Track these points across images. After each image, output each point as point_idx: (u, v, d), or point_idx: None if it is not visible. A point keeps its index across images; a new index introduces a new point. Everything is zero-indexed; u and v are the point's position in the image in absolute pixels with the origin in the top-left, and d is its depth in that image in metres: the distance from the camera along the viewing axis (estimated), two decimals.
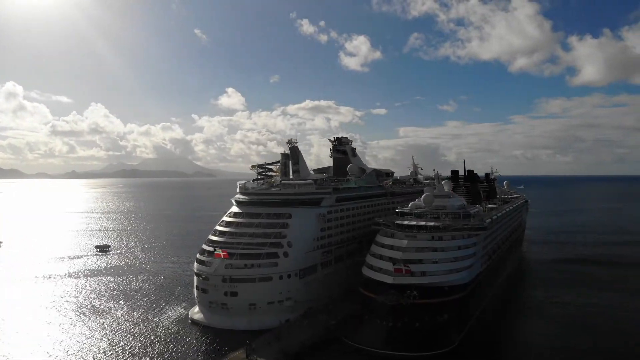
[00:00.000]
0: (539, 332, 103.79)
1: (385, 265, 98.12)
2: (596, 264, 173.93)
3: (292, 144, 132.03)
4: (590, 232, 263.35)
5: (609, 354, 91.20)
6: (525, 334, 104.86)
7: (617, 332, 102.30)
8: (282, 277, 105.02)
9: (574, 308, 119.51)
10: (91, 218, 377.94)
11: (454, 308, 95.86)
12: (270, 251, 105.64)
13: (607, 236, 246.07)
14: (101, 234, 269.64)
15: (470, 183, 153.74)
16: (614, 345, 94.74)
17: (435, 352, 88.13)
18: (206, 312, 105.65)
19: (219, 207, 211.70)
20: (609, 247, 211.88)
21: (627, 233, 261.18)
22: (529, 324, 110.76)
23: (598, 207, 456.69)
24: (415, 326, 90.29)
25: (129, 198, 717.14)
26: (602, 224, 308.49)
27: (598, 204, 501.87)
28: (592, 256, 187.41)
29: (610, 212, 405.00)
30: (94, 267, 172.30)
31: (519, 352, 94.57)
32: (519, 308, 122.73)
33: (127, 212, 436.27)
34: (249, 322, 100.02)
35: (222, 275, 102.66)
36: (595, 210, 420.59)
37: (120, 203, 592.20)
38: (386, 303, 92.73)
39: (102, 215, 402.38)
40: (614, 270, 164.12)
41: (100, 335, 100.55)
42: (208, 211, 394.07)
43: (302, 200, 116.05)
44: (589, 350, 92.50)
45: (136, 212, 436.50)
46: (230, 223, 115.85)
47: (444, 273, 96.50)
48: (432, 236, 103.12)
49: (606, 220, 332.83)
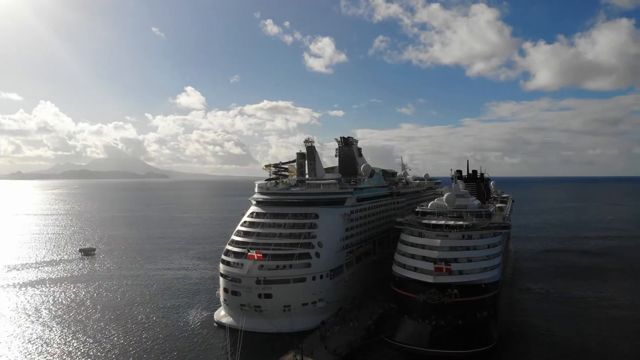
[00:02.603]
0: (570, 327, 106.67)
1: (422, 264, 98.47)
2: (572, 253, 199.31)
3: (309, 143, 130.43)
4: (557, 228, 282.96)
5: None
6: (554, 329, 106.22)
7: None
8: (315, 278, 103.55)
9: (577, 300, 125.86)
10: (59, 220, 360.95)
11: (491, 305, 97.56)
12: (302, 252, 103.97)
13: (580, 232, 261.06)
14: (79, 237, 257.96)
15: (475, 183, 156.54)
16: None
17: (481, 349, 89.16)
18: (237, 315, 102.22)
19: (188, 207, 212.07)
20: (581, 241, 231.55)
21: (603, 229, 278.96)
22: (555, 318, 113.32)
23: (558, 207, 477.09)
24: (459, 324, 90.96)
25: (89, 199, 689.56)
26: (570, 222, 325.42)
27: (555, 204, 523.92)
28: (570, 248, 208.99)
29: (574, 210, 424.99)
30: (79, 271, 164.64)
31: (559, 347, 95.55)
32: (529, 302, 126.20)
33: (92, 214, 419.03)
34: (283, 324, 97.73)
35: (256, 277, 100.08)
36: (556, 209, 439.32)
37: (79, 205, 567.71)
38: (428, 302, 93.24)
39: (72, 217, 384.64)
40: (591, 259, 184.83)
41: (133, 342, 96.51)
42: (182, 212, 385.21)
43: (328, 200, 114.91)
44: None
45: (104, 214, 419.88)
46: (254, 223, 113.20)
47: (480, 271, 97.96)
48: (462, 235, 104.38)
49: (569, 219, 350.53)
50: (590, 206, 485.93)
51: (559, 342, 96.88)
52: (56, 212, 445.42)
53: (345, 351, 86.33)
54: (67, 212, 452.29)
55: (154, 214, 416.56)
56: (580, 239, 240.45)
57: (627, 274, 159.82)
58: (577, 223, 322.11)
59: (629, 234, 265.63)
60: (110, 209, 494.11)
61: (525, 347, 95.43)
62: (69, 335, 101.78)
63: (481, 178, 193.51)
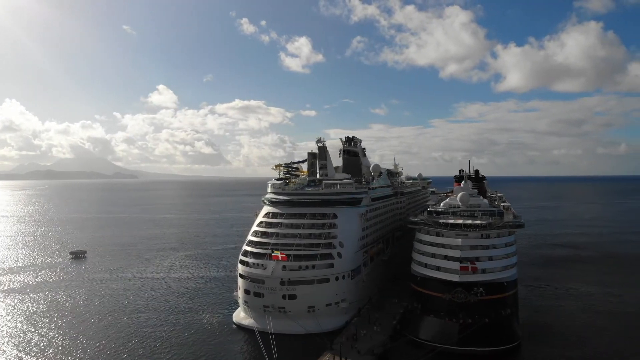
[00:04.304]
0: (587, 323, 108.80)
1: (445, 263, 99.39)
2: (562, 249, 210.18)
3: (321, 142, 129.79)
4: (540, 226, 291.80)
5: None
6: (572, 326, 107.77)
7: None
8: (337, 279, 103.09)
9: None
10: (39, 222, 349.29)
11: (514, 303, 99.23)
12: (324, 252, 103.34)
13: (565, 229, 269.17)
14: (65, 239, 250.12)
15: (478, 182, 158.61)
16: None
17: (509, 346, 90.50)
18: (259, 316, 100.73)
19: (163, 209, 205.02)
20: (567, 237, 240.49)
21: (586, 227, 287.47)
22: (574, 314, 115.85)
23: (534, 206, 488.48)
24: (485, 322, 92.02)
25: (62, 201, 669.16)
26: (551, 219, 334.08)
27: (529, 203, 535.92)
28: (559, 244, 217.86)
29: (552, 209, 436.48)
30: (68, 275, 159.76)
31: (583, 343, 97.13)
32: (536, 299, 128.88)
33: (70, 216, 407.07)
34: (311, 325, 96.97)
35: (280, 278, 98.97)
36: (535, 209, 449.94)
37: (54, 206, 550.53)
38: (454, 301, 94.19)
39: (51, 220, 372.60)
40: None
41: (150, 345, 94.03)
42: (165, 213, 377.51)
43: (345, 200, 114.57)
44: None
45: (84, 216, 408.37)
46: (271, 224, 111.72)
47: (501, 269, 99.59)
48: (481, 234, 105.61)
49: (550, 217, 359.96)
50: (565, 205, 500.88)
51: (582, 339, 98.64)
52: (32, 214, 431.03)
53: (380, 350, 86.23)
54: (44, 213, 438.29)
55: (135, 215, 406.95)
56: (566, 236, 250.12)
57: (625, 267, 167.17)
58: (558, 221, 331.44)
59: (612, 230, 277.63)
60: (89, 210, 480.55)
61: (549, 344, 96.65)
62: (76, 341, 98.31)
63: (483, 177, 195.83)
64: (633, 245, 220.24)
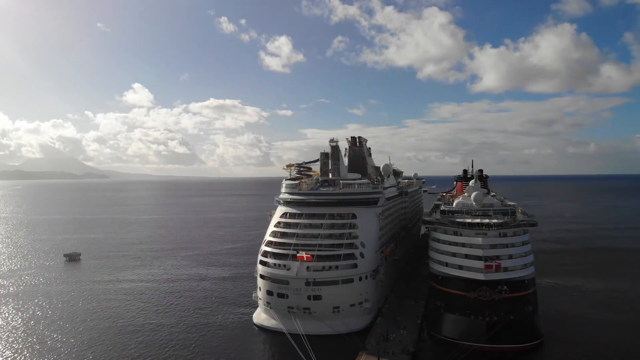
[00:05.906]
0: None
1: (468, 262, 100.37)
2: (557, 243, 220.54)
3: (334, 142, 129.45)
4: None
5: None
6: (588, 323, 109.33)
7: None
8: (361, 279, 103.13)
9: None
10: (21, 224, 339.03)
11: (534, 300, 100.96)
12: (347, 252, 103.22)
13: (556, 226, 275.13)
14: (54, 241, 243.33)
15: (482, 182, 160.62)
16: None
17: (534, 343, 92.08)
18: (283, 318, 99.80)
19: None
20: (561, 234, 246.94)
21: (573, 224, 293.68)
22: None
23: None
24: (511, 319, 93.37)
25: (40, 201, 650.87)
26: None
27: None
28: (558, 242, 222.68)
29: (537, 208, 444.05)
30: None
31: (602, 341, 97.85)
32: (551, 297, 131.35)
33: (51, 217, 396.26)
34: (338, 325, 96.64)
35: (305, 279, 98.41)
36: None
37: (33, 207, 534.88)
38: (480, 299, 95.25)
39: (33, 221, 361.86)
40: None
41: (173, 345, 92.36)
42: (150, 214, 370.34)
43: (364, 200, 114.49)
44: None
45: (65, 217, 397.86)
46: (290, 224, 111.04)
47: (521, 267, 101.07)
48: (499, 233, 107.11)
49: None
50: (547, 203, 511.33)
51: (597, 336, 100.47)
52: (11, 215, 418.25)
53: (413, 349, 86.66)
54: (25, 214, 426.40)
55: (119, 217, 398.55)
56: (555, 232, 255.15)
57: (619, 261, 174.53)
58: (545, 217, 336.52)
59: (597, 227, 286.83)
60: (71, 210, 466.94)
61: (570, 341, 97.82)
62: (82, 345, 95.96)
63: (486, 177, 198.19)
64: (620, 240, 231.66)
